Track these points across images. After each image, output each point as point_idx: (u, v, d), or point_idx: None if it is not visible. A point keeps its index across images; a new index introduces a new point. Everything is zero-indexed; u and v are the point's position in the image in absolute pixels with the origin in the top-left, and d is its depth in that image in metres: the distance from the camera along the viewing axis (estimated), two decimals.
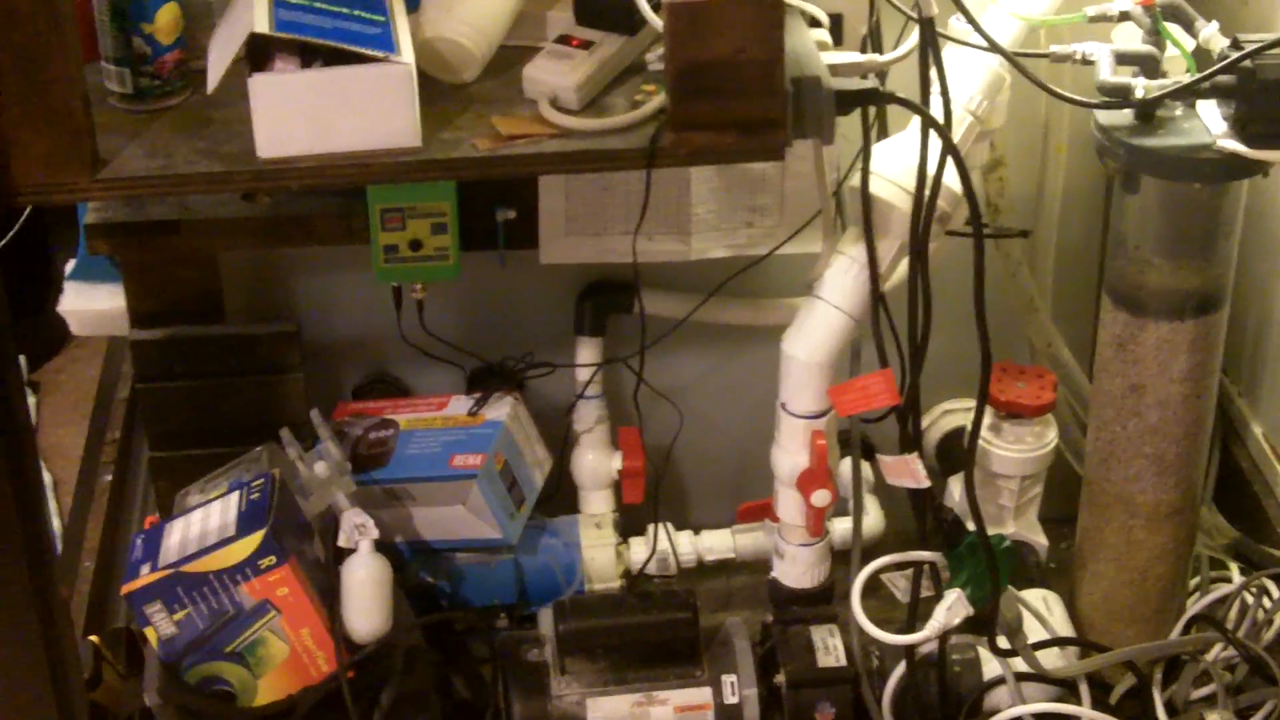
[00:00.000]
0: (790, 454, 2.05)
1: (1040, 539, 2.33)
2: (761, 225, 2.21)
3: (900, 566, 2.11)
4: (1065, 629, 2.20)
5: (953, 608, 2.01)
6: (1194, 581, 2.31)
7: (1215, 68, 1.84)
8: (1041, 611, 2.19)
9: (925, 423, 2.49)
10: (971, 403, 1.94)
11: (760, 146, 1.70)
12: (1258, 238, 2.28)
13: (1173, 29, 1.94)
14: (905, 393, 1.96)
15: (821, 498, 2.03)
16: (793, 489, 2.06)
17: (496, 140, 1.69)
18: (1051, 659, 2.15)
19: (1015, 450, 2.25)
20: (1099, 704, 2.18)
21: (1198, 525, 2.22)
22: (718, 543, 2.35)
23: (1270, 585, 2.30)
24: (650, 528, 2.33)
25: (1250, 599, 2.25)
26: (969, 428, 1.93)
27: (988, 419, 2.28)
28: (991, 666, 2.15)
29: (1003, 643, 2.08)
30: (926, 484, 1.98)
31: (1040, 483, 2.32)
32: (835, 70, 1.76)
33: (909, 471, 2.00)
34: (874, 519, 2.36)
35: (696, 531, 2.37)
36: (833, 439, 2.05)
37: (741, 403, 2.40)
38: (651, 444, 2.33)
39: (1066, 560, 2.34)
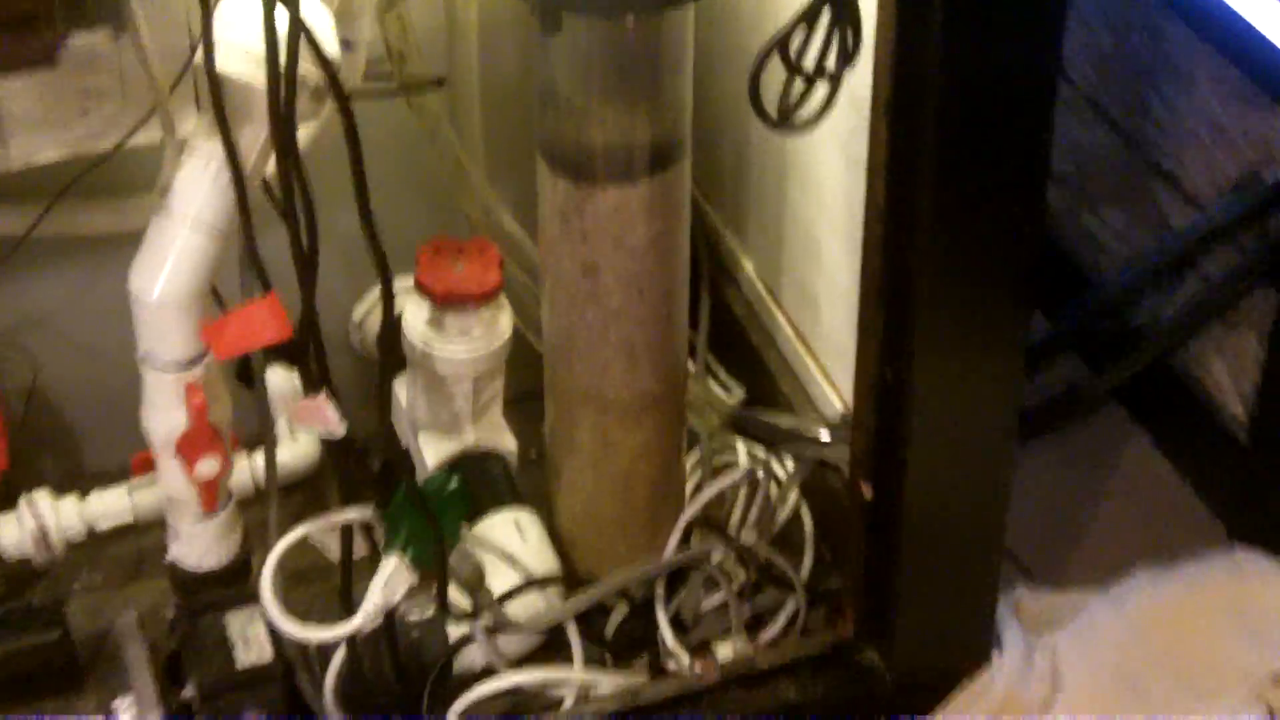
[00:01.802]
0: (163, 413, 1.59)
1: (508, 443, 1.93)
2: (100, 113, 1.71)
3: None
4: (543, 558, 1.82)
5: (391, 580, 1.60)
6: (695, 468, 1.96)
7: None
8: (512, 546, 1.80)
9: (359, 311, 2.06)
10: None
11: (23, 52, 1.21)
12: (722, 52, 1.89)
13: None
14: (303, 319, 1.52)
15: (209, 467, 1.58)
16: (173, 457, 1.60)
17: None
18: (533, 603, 1.77)
19: (462, 347, 1.84)
20: (594, 638, 1.82)
21: (685, 409, 1.85)
22: (111, 506, 1.87)
23: (775, 465, 1.97)
24: (22, 499, 1.85)
25: (760, 479, 1.92)
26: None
27: (424, 313, 1.86)
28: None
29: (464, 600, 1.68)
30: (341, 430, 1.55)
31: (499, 375, 1.92)
32: None
33: (319, 416, 1.56)
34: (304, 449, 1.93)
35: (85, 494, 1.88)
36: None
37: (125, 323, 1.91)
38: (12, 390, 1.84)
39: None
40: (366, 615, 1.59)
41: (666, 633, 1.83)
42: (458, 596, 1.71)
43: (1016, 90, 1.42)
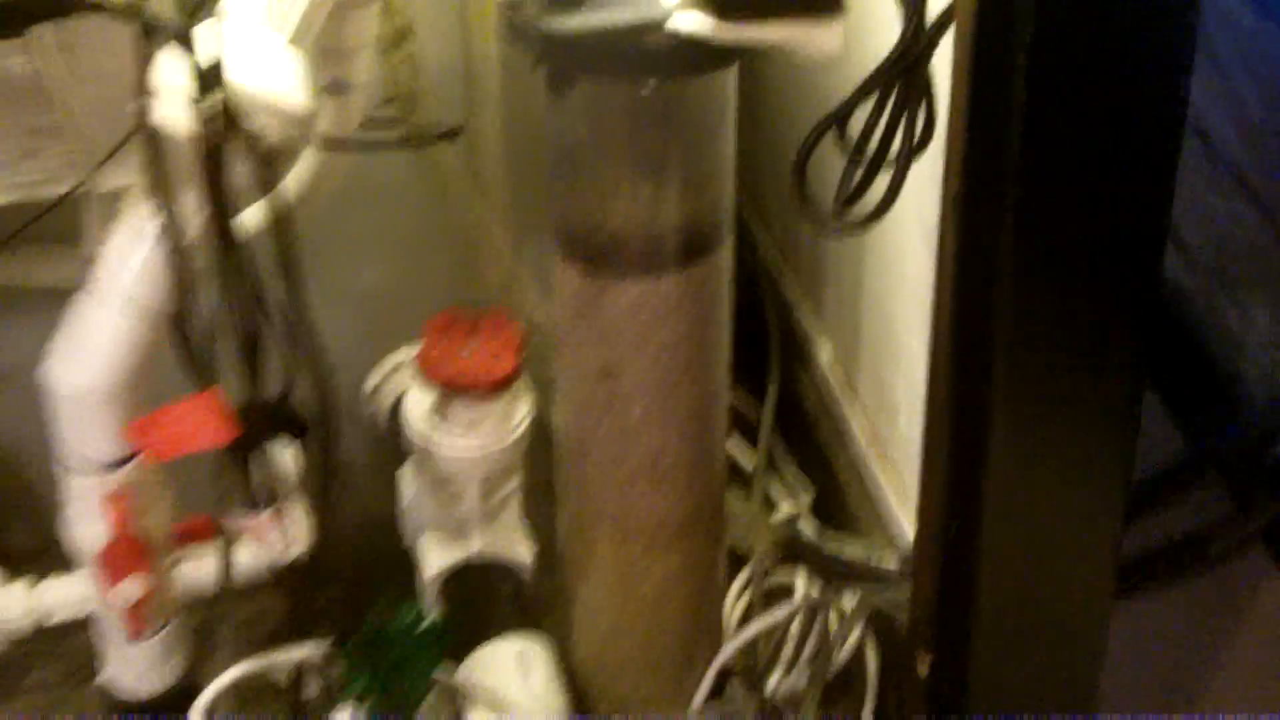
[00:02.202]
0: (83, 523, 1.33)
1: (522, 553, 1.66)
2: (52, 153, 1.46)
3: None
4: (547, 702, 1.54)
5: None
6: (743, 591, 1.68)
7: None
8: (511, 686, 1.53)
9: (371, 383, 1.79)
10: None
11: None
12: (800, 93, 1.61)
13: None
14: (251, 415, 1.26)
15: (132, 590, 1.32)
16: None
17: None
18: None
19: (470, 442, 1.57)
20: None
21: (724, 532, 1.56)
22: (65, 595, 1.61)
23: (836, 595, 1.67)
24: None
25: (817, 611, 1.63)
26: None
27: (428, 399, 1.59)
28: None
29: None
30: (295, 551, 1.29)
31: (515, 473, 1.64)
32: None
33: (262, 536, 1.30)
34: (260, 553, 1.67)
35: (37, 581, 1.63)
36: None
37: None
38: None
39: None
40: None
41: None
42: None
43: (1115, 203, 1.12)
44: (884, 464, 1.70)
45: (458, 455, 1.57)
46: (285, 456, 1.45)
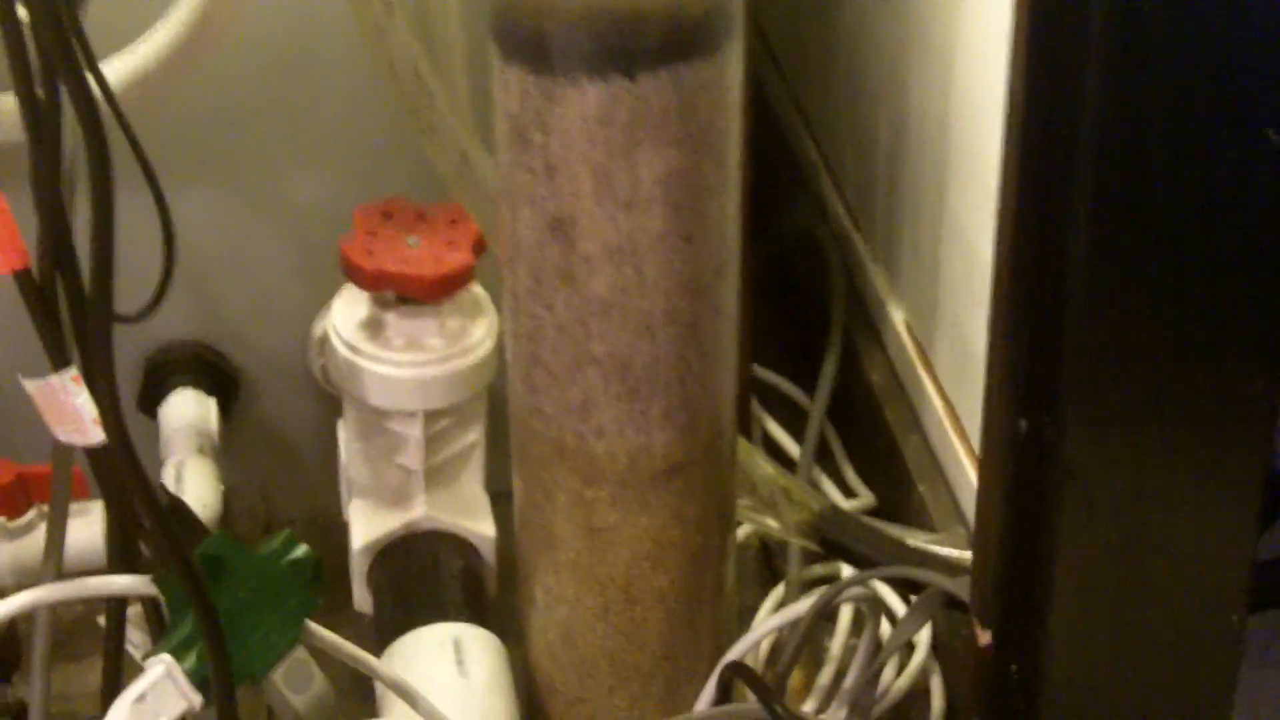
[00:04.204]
0: None
1: (482, 525, 1.28)
2: None
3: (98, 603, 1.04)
4: (488, 703, 1.14)
5: (150, 700, 0.94)
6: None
7: None
8: (438, 680, 1.13)
9: (317, 329, 1.42)
10: None
11: None
12: None
13: None
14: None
15: None
16: None
17: None
18: None
19: (407, 361, 1.19)
20: None
21: (732, 482, 1.17)
22: None
23: (887, 594, 1.27)
24: None
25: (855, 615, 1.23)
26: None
27: (359, 308, 1.22)
28: None
29: None
30: (97, 438, 0.92)
31: (476, 420, 1.27)
32: None
33: (64, 410, 0.93)
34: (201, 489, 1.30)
35: None
36: None
37: None
38: None
39: None
40: None
41: None
42: None
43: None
44: (962, 440, 1.31)
45: (393, 378, 1.19)
46: None
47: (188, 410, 1.36)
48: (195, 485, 1.28)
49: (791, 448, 1.45)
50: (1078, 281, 0.83)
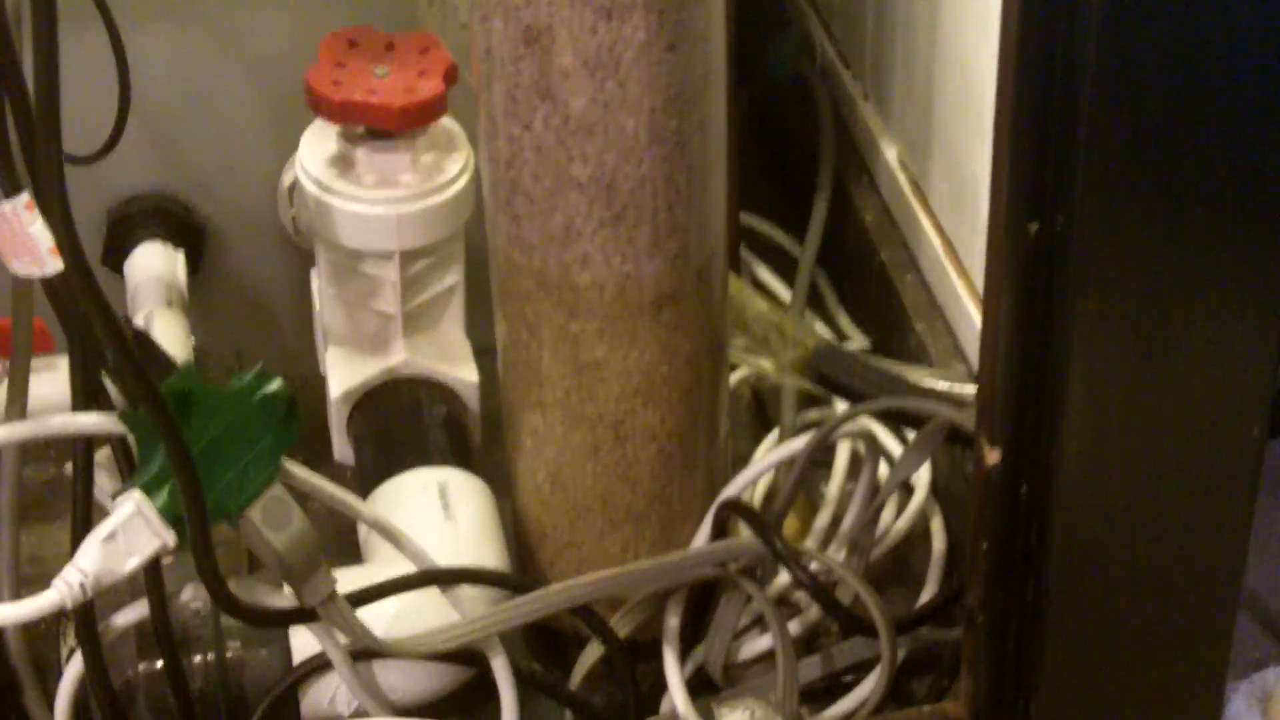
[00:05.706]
0: None
1: (465, 371, 1.23)
2: None
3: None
4: (475, 545, 1.10)
5: (124, 535, 0.89)
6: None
7: None
8: (421, 520, 1.09)
9: (287, 179, 1.36)
10: None
11: None
12: None
13: None
14: None
15: None
16: None
17: None
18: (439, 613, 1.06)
19: (379, 198, 1.14)
20: (553, 691, 1.10)
21: (724, 315, 1.12)
22: None
23: (885, 438, 1.22)
24: None
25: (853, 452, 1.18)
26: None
27: (328, 144, 1.17)
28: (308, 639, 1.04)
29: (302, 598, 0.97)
30: (55, 268, 0.86)
31: (454, 261, 1.21)
32: None
33: (24, 244, 0.87)
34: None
35: None
36: None
37: None
38: None
39: None
40: (68, 586, 0.89)
41: (677, 693, 1.10)
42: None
43: None
44: (960, 275, 1.26)
45: (366, 216, 1.14)
46: None
47: (154, 263, 1.30)
48: (164, 338, 1.23)
49: (783, 294, 1.40)
50: (1089, 67, 0.78)
